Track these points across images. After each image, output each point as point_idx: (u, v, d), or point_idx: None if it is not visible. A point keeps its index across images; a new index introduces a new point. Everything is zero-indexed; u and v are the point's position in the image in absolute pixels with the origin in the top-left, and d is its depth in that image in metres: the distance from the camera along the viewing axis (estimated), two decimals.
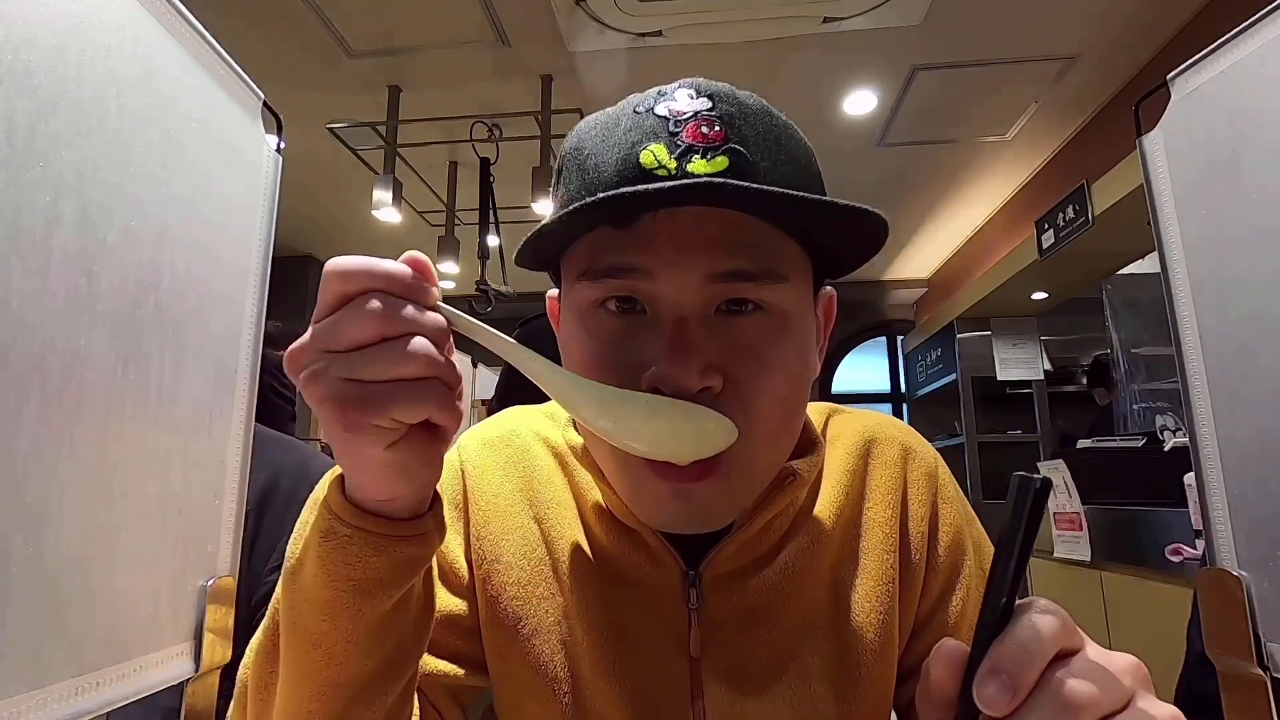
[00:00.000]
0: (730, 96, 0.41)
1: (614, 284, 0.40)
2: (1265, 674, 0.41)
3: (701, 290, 0.39)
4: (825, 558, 0.50)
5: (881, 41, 2.42)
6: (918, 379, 4.72)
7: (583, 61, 2.53)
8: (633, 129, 0.40)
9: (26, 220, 0.32)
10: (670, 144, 0.38)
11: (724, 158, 0.38)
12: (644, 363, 0.39)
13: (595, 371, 0.41)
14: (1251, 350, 0.44)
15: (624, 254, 0.39)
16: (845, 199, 0.38)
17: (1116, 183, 2.55)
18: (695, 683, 0.47)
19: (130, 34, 0.40)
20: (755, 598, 0.48)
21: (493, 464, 0.54)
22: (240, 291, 0.51)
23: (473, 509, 0.52)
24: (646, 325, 0.40)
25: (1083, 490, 2.06)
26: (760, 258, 0.40)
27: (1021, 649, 0.26)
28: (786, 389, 0.41)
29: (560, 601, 0.49)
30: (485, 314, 2.85)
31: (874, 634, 0.49)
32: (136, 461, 0.40)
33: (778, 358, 0.41)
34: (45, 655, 0.33)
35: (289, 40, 2.41)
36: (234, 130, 0.51)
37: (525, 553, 0.51)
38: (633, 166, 0.38)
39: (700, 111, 0.40)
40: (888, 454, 0.55)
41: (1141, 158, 0.53)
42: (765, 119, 0.42)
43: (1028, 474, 0.28)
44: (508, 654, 0.49)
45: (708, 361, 0.39)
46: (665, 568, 0.48)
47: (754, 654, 0.47)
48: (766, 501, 0.47)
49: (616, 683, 0.47)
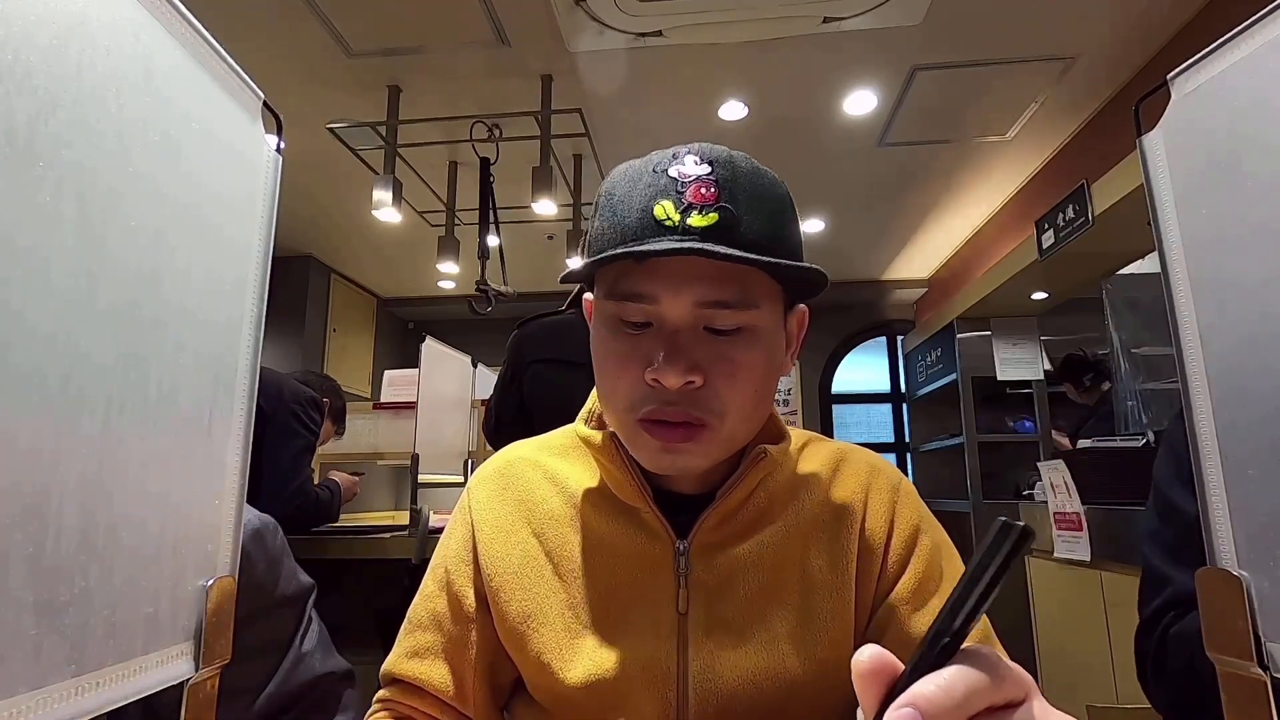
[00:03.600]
0: (727, 162, 0.54)
1: (630, 307, 0.54)
2: (1265, 674, 0.41)
3: (692, 312, 0.53)
4: (795, 542, 0.61)
5: (881, 41, 2.42)
6: (918, 379, 4.72)
7: (583, 61, 2.53)
8: (651, 185, 0.53)
9: (26, 220, 0.32)
10: (677, 201, 0.52)
11: (715, 214, 0.51)
12: (649, 362, 0.53)
13: (616, 363, 0.56)
14: (1251, 350, 0.44)
15: (638, 283, 0.54)
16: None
17: (1116, 183, 2.55)
18: (681, 635, 0.58)
19: (130, 34, 0.40)
20: (734, 567, 0.60)
21: (493, 494, 0.67)
22: (240, 291, 0.51)
23: (479, 539, 0.64)
24: (651, 335, 0.54)
25: (1083, 490, 2.06)
26: (737, 290, 0.53)
27: (944, 693, 0.27)
28: (754, 385, 0.55)
29: (564, 591, 0.61)
30: (485, 314, 2.85)
31: (831, 607, 0.60)
32: (136, 461, 0.40)
33: (748, 363, 0.54)
34: (45, 655, 0.33)
35: (289, 40, 2.41)
36: (234, 130, 0.50)
37: (527, 561, 0.62)
38: (649, 217, 0.52)
39: (701, 175, 0.53)
40: (856, 468, 0.67)
41: (1141, 157, 0.53)
42: (752, 178, 0.54)
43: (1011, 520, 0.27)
44: (523, 645, 0.60)
45: (693, 363, 0.53)
46: (660, 540, 0.60)
47: (731, 613, 0.58)
48: (741, 477, 0.59)
49: (618, 637, 0.58)
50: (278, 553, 0.75)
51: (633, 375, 0.54)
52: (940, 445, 4.37)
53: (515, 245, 3.24)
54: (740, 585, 0.59)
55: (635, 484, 0.60)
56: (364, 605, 2.03)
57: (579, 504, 0.64)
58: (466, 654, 0.63)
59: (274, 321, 2.45)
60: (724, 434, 0.55)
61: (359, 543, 2.04)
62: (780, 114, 2.85)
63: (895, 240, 4.28)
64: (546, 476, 0.67)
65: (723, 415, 0.54)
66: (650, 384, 0.53)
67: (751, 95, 2.73)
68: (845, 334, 5.33)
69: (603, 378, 0.58)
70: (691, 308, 0.53)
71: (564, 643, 0.59)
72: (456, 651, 0.63)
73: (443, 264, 3.18)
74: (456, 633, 0.63)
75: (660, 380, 0.52)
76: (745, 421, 0.56)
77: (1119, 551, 1.95)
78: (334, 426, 2.42)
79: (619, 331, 0.56)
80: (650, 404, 0.54)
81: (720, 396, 0.54)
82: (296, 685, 0.68)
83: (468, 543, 0.65)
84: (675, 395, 0.53)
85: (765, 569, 0.60)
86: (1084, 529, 2.04)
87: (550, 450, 0.70)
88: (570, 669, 0.58)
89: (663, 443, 0.54)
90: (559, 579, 0.61)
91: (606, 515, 0.62)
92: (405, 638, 0.65)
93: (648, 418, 0.54)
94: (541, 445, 0.71)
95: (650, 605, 0.59)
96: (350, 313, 4.86)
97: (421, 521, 1.91)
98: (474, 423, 2.86)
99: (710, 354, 0.53)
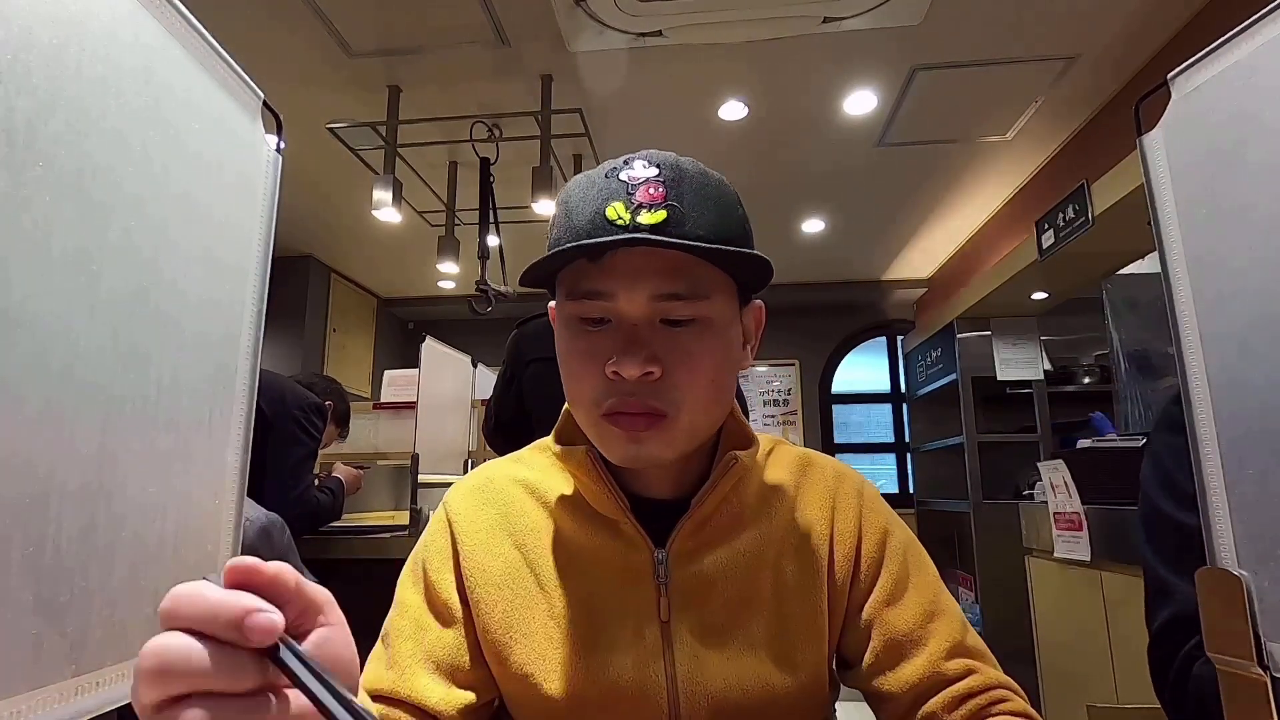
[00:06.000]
0: (673, 165, 0.56)
1: (588, 305, 0.56)
2: (1265, 674, 0.41)
3: (648, 306, 0.55)
4: (769, 549, 0.63)
5: (881, 41, 2.42)
6: (918, 379, 4.72)
7: (583, 61, 2.53)
8: (603, 190, 0.55)
9: (26, 220, 0.32)
10: (627, 201, 0.54)
11: (664, 211, 0.53)
12: (609, 356, 0.55)
13: (579, 361, 0.57)
14: (1251, 350, 0.44)
15: (595, 281, 0.55)
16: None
17: (1116, 183, 2.55)
18: (666, 641, 0.59)
19: (130, 34, 0.40)
20: (711, 574, 0.61)
21: (473, 507, 0.67)
22: (240, 291, 0.51)
23: (460, 548, 0.64)
24: (610, 331, 0.56)
25: (1083, 490, 2.06)
26: (689, 283, 0.55)
27: None
28: (710, 374, 0.57)
29: (545, 601, 0.61)
30: (485, 314, 2.85)
31: (804, 614, 0.62)
32: (136, 461, 0.40)
33: (703, 352, 0.56)
34: (45, 655, 0.33)
35: (289, 40, 2.41)
36: (234, 130, 0.50)
37: (509, 571, 0.63)
38: (601, 218, 0.54)
39: (650, 178, 0.55)
40: (822, 474, 0.69)
41: (1141, 157, 0.53)
42: (699, 179, 0.57)
43: None
44: (505, 656, 0.60)
45: (651, 353, 0.54)
46: (638, 549, 0.61)
47: (712, 619, 0.60)
48: (714, 484, 0.61)
49: (601, 648, 0.59)
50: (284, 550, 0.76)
51: (595, 371, 0.56)
52: (940, 445, 4.37)
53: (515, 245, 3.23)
54: (719, 592, 0.60)
55: (612, 496, 0.61)
56: (364, 605, 2.02)
57: (557, 516, 0.65)
58: (449, 663, 0.60)
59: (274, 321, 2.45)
60: (683, 424, 0.56)
61: (359, 543, 2.04)
62: (780, 114, 2.85)
63: (895, 240, 4.28)
64: (526, 490, 0.67)
65: (680, 405, 0.56)
66: (611, 377, 0.55)
67: (751, 95, 2.73)
68: (845, 334, 5.33)
69: (568, 377, 0.59)
70: (646, 302, 0.55)
71: (546, 654, 0.59)
72: (440, 661, 0.60)
73: (443, 264, 3.18)
74: (438, 643, 0.61)
75: (620, 372, 0.54)
76: (704, 413, 0.58)
77: (1119, 551, 1.94)
78: (337, 430, 2.42)
79: (579, 330, 0.57)
80: (612, 397, 0.55)
81: (678, 387, 0.55)
82: None
83: (447, 554, 0.64)
84: (634, 386, 0.55)
85: (740, 576, 0.61)
86: (1084, 529, 2.04)
87: (527, 465, 0.70)
88: (553, 681, 0.58)
89: (626, 432, 0.56)
90: (540, 589, 0.62)
91: (586, 527, 0.63)
92: (382, 651, 0.62)
93: (610, 410, 0.56)
94: (516, 461, 0.72)
95: (633, 615, 0.60)
96: (350, 313, 4.86)
97: (421, 521, 1.91)
98: (474, 423, 2.86)
99: (667, 345, 0.55)
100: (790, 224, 3.97)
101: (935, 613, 0.62)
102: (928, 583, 0.64)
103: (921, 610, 0.62)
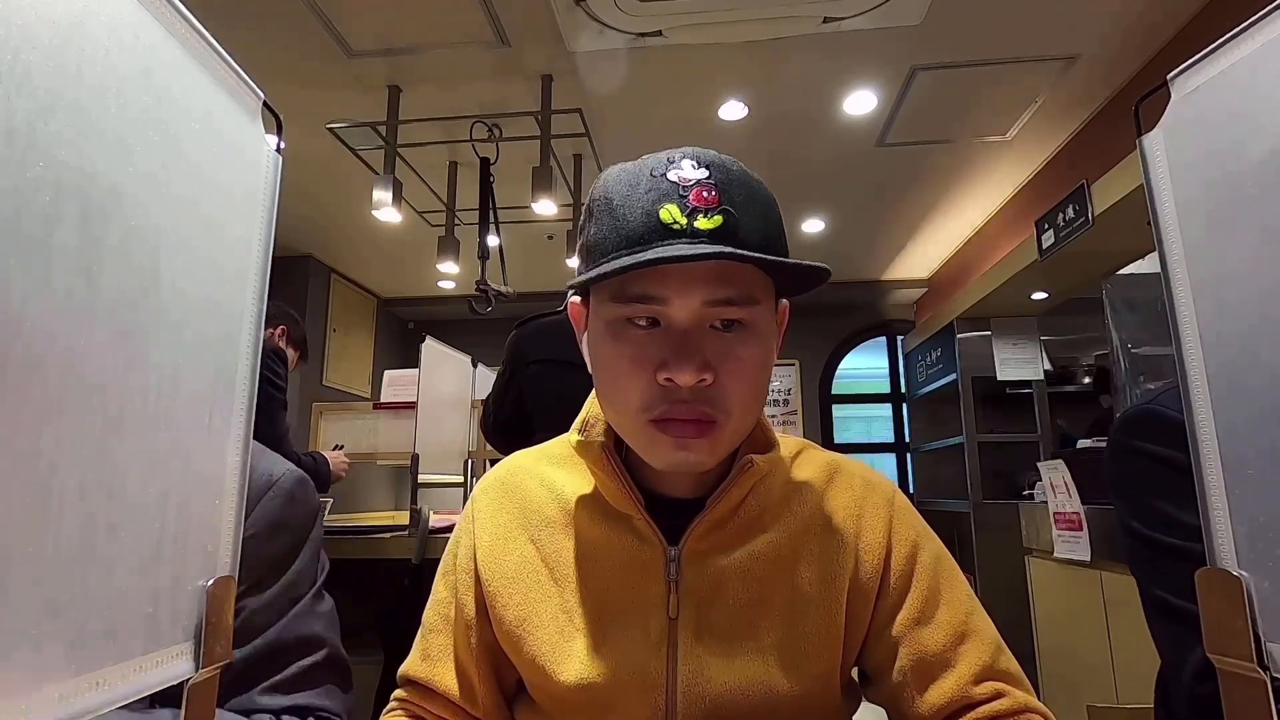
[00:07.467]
0: (721, 166, 0.55)
1: (640, 308, 0.55)
2: (1265, 674, 0.41)
3: (701, 312, 0.54)
4: (786, 555, 0.62)
5: (881, 41, 2.42)
6: (918, 379, 4.72)
7: (583, 61, 2.53)
8: (651, 189, 0.54)
9: (26, 220, 0.32)
10: (681, 205, 0.53)
11: (719, 216, 0.53)
12: (661, 362, 0.54)
13: (628, 365, 0.55)
14: (1251, 350, 0.44)
15: (648, 285, 0.54)
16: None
17: (1116, 183, 2.55)
18: (672, 640, 0.59)
19: (130, 34, 0.40)
20: (724, 576, 0.60)
21: (493, 503, 0.69)
22: (240, 291, 0.51)
23: (478, 548, 0.66)
24: (660, 336, 0.55)
25: (1083, 490, 2.06)
26: (740, 288, 0.55)
27: None
28: (756, 378, 0.57)
29: (558, 594, 0.62)
30: (485, 314, 2.85)
31: (819, 622, 0.60)
32: (136, 461, 0.40)
33: (750, 358, 0.56)
34: (45, 655, 0.33)
35: (289, 40, 2.41)
36: (234, 130, 0.50)
37: (523, 566, 0.64)
38: (655, 220, 0.53)
39: (701, 180, 0.54)
40: (849, 481, 0.67)
41: (1141, 157, 0.53)
42: (746, 182, 0.56)
43: None
44: (520, 647, 0.62)
45: (704, 360, 0.54)
46: (651, 546, 0.61)
47: (721, 622, 0.59)
48: (730, 485, 0.60)
49: (609, 640, 0.59)
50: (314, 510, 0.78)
51: (644, 376, 0.55)
52: (940, 445, 4.37)
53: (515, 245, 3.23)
54: (730, 594, 0.60)
55: (627, 491, 0.61)
56: (364, 605, 2.03)
57: (574, 510, 0.65)
58: (471, 658, 0.65)
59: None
60: (730, 429, 0.56)
61: (359, 543, 2.04)
62: (780, 114, 2.85)
63: (895, 240, 4.28)
64: (543, 484, 0.68)
65: (730, 412, 0.55)
66: (663, 384, 0.54)
67: (751, 95, 2.73)
68: (845, 334, 5.33)
69: (610, 380, 0.57)
70: (700, 307, 0.54)
71: (557, 645, 0.60)
72: (462, 655, 0.65)
73: (443, 264, 3.18)
74: (461, 637, 0.65)
75: (674, 379, 0.53)
76: (748, 415, 0.58)
77: (1119, 551, 1.94)
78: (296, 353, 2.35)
79: (624, 333, 0.56)
80: (663, 404, 0.55)
81: (727, 393, 0.55)
82: (294, 637, 0.68)
83: (469, 551, 0.67)
84: (687, 393, 0.54)
85: (755, 580, 0.60)
86: (1084, 529, 2.04)
87: (548, 459, 0.71)
88: (563, 670, 0.59)
89: (676, 439, 0.55)
90: (554, 583, 0.63)
91: (600, 521, 0.64)
92: (420, 640, 0.68)
93: (662, 417, 0.55)
94: (540, 454, 0.73)
95: (642, 610, 0.60)
96: (350, 313, 4.86)
97: (421, 521, 1.91)
98: (474, 422, 2.86)
99: (718, 351, 0.55)
100: (790, 224, 3.97)
101: (967, 634, 0.60)
102: (959, 601, 0.62)
103: (953, 631, 0.60)
